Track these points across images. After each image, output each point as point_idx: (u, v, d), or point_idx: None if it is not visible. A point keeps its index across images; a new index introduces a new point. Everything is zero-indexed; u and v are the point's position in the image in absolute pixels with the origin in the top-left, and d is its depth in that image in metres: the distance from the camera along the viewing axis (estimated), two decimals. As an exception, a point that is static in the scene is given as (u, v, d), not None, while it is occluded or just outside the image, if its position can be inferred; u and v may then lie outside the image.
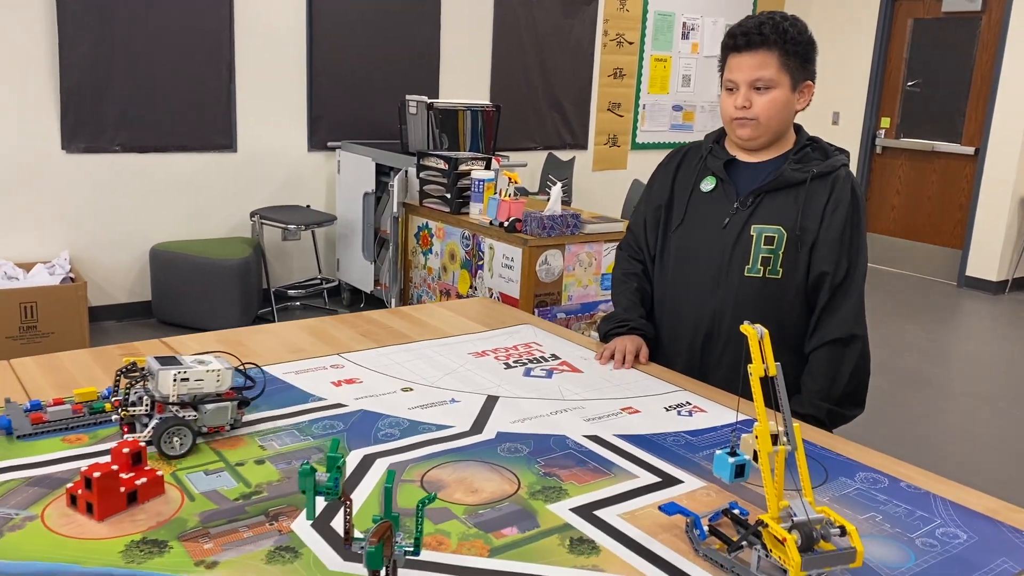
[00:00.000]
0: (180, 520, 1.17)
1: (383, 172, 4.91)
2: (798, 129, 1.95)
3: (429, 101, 4.65)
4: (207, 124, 4.93)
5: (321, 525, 1.18)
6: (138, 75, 4.67)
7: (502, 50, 5.92)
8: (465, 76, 5.82)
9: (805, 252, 1.85)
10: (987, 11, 6.48)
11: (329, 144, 5.33)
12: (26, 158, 4.46)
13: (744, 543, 1.10)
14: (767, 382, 1.11)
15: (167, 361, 1.37)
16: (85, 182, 4.64)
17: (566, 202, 4.73)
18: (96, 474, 1.14)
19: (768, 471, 1.08)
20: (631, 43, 6.56)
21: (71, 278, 4.43)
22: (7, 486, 1.23)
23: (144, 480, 1.21)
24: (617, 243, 1.99)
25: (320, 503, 1.06)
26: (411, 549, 0.98)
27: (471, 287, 4.18)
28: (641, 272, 2.06)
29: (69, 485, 1.19)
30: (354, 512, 1.11)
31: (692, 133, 7.08)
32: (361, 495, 1.26)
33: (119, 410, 1.35)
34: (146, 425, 1.34)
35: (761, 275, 1.86)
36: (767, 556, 1.07)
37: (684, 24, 6.80)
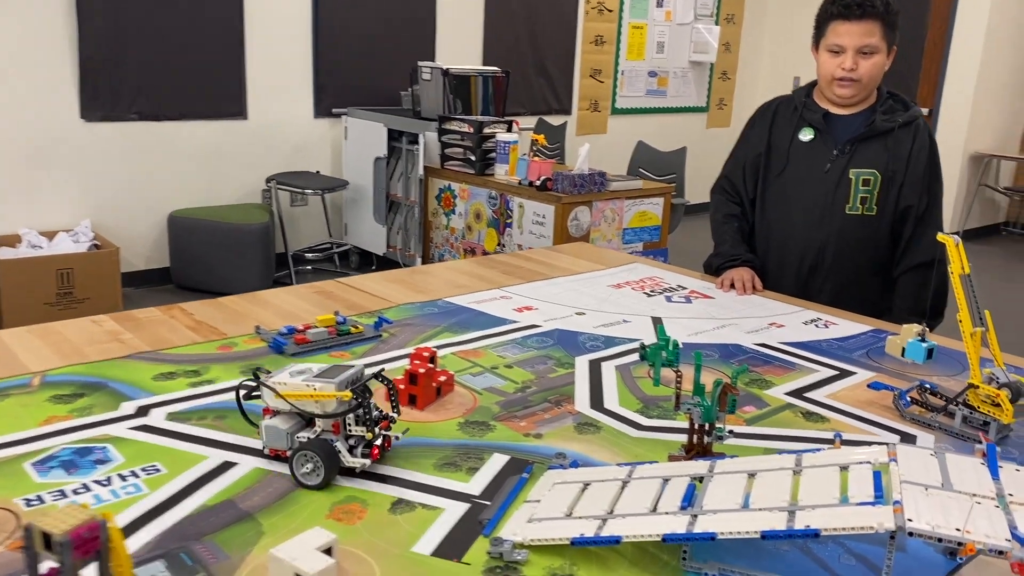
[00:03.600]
0: (484, 408, 1.40)
1: (393, 137, 5.06)
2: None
3: (444, 67, 4.83)
4: (219, 92, 5.00)
5: (599, 406, 1.42)
6: (153, 45, 4.70)
7: (493, 17, 6.10)
8: (459, 43, 5.98)
9: (895, 191, 2.15)
10: (939, -19, 6.96)
11: (334, 111, 5.44)
12: (46, 127, 4.47)
13: (950, 404, 1.39)
14: (966, 279, 1.39)
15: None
16: (103, 151, 4.67)
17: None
18: (421, 370, 1.36)
19: (971, 347, 1.37)
20: (611, 11, 6.81)
21: (96, 245, 4.48)
22: (320, 390, 1.44)
23: (444, 378, 1.43)
24: (639, 198, 2.13)
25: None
26: (730, 408, 1.23)
27: (499, 244, 4.41)
28: (740, 213, 2.34)
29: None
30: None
31: (666, 98, 7.40)
32: (611, 393, 1.51)
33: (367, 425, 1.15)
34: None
35: (860, 213, 2.15)
36: (971, 413, 1.36)
37: (659, -7, 7.08)
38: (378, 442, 1.16)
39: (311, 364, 1.21)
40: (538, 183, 4.10)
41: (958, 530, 0.84)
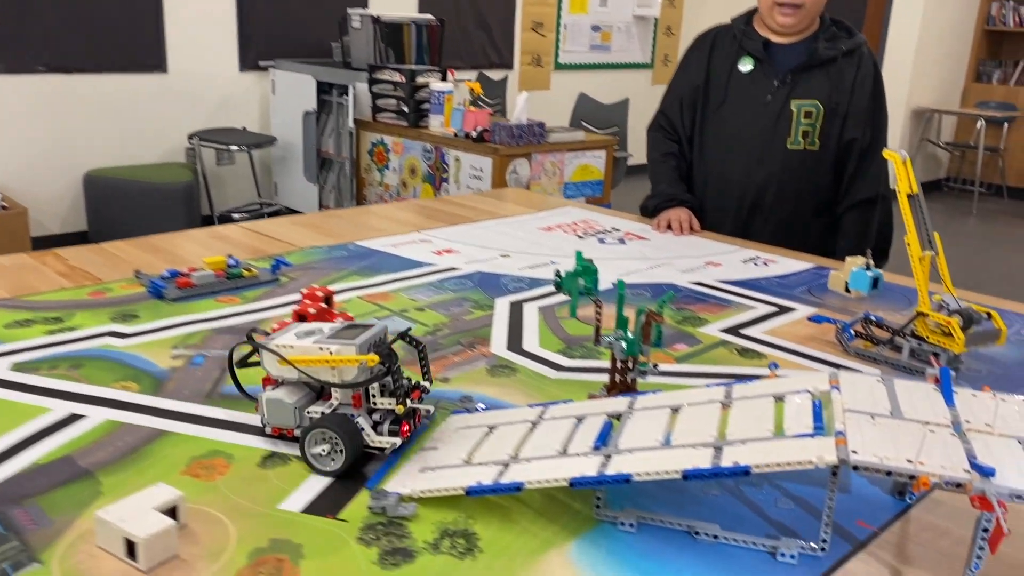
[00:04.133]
0: (387, 352, 1.24)
1: (323, 90, 4.82)
2: (818, 11, 2.12)
3: (375, 15, 4.59)
4: (135, 43, 4.69)
5: (516, 348, 1.28)
6: (59, -12, 4.38)
7: (429, -33, 5.86)
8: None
9: (838, 123, 2.03)
10: (881, -67, 6.89)
11: (260, 63, 5.17)
12: (-57, 78, 4.15)
13: (897, 336, 1.27)
14: (914, 200, 1.27)
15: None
16: (8, 106, 4.36)
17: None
18: (311, 310, 1.20)
19: (919, 272, 1.25)
20: (551, -38, 6.61)
21: (3, 206, 4.19)
22: (199, 335, 1.27)
23: (341, 320, 1.27)
24: (580, 151, 1.99)
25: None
26: (656, 341, 1.10)
27: (434, 200, 4.22)
28: (677, 151, 2.20)
29: (274, 326, 1.24)
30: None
31: (610, 54, 7.24)
32: (531, 334, 1.36)
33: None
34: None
35: (802, 147, 2.03)
36: (920, 345, 1.25)
37: (601, -56, 6.89)
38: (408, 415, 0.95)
39: (320, 324, 1.00)
40: (474, 134, 3.92)
41: (910, 462, 0.72)
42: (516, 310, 1.45)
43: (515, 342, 1.31)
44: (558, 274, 1.10)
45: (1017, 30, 7.34)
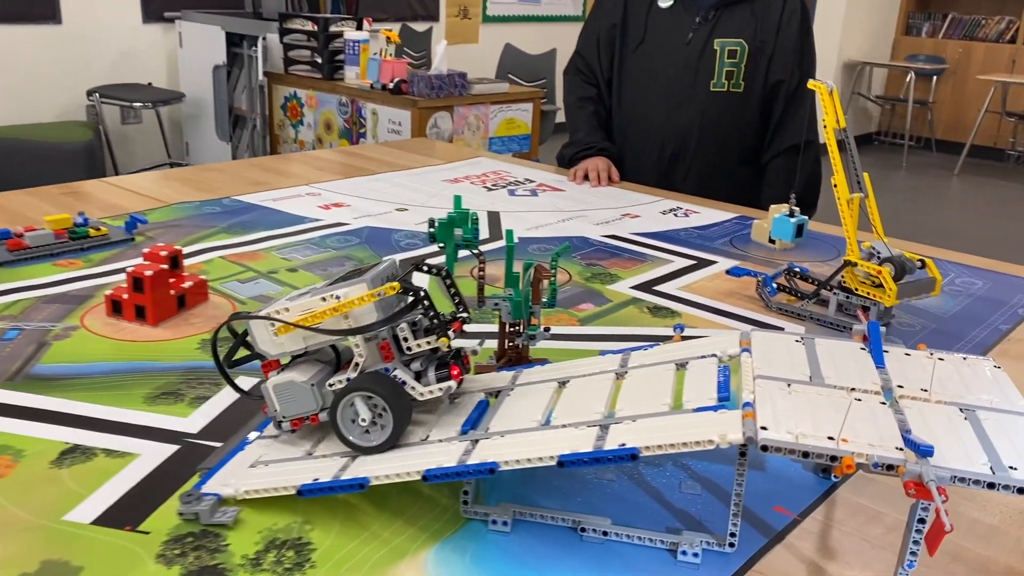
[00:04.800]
0: (244, 320, 1.07)
1: (234, 43, 4.53)
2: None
3: (286, -40, 4.31)
4: (23, -10, 4.33)
5: (399, 314, 1.12)
6: (-68, -71, 4.00)
7: (346, -87, 5.54)
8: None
9: (763, 63, 1.89)
10: None
11: (166, 15, 4.83)
12: None
13: (823, 288, 1.15)
14: (841, 135, 1.14)
15: None
16: None
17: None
18: (148, 272, 1.02)
19: (847, 217, 1.12)
20: (477, -91, 6.33)
21: None
22: (20, 304, 1.08)
23: (191, 283, 1.09)
24: (505, 103, 1.85)
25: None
26: (549, 300, 0.95)
27: (353, 157, 4.01)
28: (596, 96, 2.04)
29: (108, 292, 1.05)
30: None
31: (540, 6, 7.03)
32: (418, 291, 1.20)
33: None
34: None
35: (725, 89, 1.89)
36: (848, 298, 1.12)
37: None
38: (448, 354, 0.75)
39: (312, 284, 0.81)
40: (391, 86, 3.70)
41: (831, 439, 0.58)
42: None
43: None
44: (432, 223, 0.93)
45: (945, -18, 7.34)
